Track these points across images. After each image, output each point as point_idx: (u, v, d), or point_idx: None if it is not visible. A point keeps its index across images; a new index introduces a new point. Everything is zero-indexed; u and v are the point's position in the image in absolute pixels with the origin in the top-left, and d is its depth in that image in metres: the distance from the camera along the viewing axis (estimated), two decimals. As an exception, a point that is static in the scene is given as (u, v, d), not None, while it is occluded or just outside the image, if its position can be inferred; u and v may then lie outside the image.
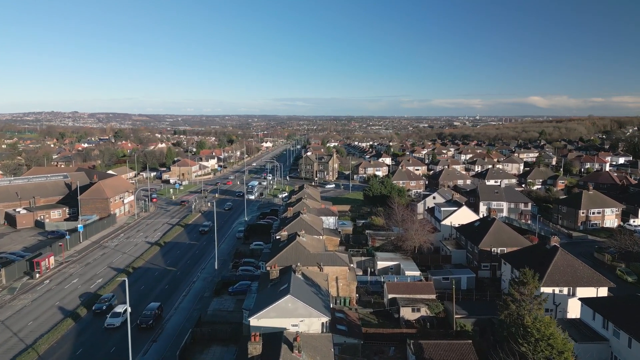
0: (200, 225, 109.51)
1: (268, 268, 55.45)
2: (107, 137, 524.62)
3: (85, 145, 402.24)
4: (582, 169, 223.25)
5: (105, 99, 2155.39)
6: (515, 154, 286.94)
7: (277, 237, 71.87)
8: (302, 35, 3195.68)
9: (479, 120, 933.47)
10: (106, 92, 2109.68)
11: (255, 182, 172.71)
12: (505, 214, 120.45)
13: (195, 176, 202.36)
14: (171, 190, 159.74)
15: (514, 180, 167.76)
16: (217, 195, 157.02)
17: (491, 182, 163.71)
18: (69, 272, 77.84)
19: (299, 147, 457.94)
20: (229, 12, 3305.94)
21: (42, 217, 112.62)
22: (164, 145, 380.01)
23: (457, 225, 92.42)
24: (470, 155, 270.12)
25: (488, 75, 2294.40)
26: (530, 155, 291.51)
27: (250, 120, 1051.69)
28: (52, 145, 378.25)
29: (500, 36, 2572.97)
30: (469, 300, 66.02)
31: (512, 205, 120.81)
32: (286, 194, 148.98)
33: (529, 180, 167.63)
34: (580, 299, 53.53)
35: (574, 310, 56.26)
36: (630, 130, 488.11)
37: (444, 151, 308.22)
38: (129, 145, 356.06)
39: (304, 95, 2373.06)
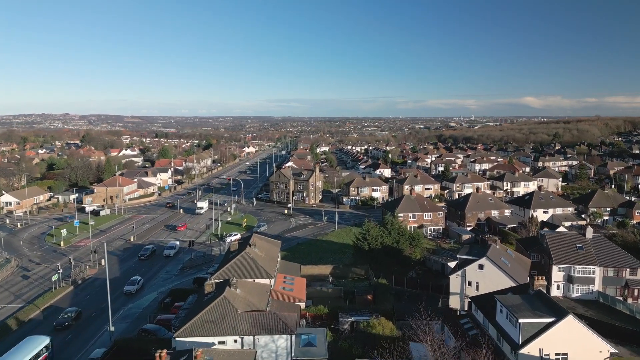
0: (55, 319, 57.02)
1: None
2: (78, 142, 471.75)
3: (43, 151, 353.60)
4: (638, 185, 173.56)
5: (98, 100, 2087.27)
6: (540, 163, 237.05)
7: None
8: (297, 36, 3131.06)
9: (474, 120, 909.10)
10: (99, 93, 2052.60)
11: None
12: (597, 286, 69.79)
13: (129, 199, 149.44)
14: (63, 231, 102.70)
15: (570, 209, 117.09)
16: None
17: (539, 213, 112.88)
18: None
19: (284, 152, 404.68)
20: (224, 12, 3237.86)
21: None
22: (125, 153, 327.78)
23: (558, 364, 41.41)
24: (488, 165, 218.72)
25: (483, 75, 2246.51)
26: (558, 165, 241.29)
27: (244, 121, 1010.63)
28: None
29: (495, 37, 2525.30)
30: None
31: (610, 272, 69.95)
32: (237, 236, 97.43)
33: (593, 210, 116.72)
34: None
35: None
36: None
37: (451, 158, 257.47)
38: (81, 153, 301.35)
39: (299, 96, 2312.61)
